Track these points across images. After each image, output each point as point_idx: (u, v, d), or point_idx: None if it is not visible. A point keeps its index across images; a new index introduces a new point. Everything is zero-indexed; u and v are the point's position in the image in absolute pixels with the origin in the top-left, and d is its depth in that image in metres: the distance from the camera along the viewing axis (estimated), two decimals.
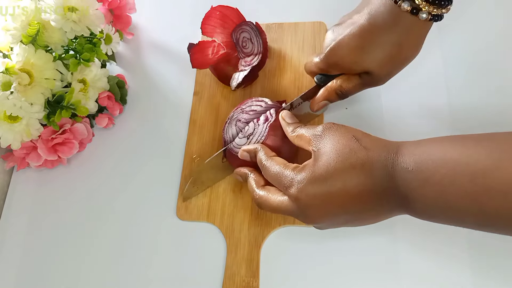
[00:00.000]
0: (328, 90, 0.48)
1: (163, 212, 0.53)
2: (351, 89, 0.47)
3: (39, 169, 0.58)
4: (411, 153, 0.36)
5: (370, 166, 0.37)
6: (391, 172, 0.36)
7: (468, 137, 0.35)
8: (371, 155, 0.37)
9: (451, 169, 0.33)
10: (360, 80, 0.46)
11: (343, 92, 0.47)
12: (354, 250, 0.47)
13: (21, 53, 0.49)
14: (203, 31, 0.56)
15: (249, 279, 0.47)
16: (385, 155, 0.37)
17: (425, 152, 0.35)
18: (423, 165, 0.34)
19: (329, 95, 0.48)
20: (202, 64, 0.56)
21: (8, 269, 0.53)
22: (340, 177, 0.37)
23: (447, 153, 0.34)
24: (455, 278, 0.44)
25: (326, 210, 0.39)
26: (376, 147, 0.38)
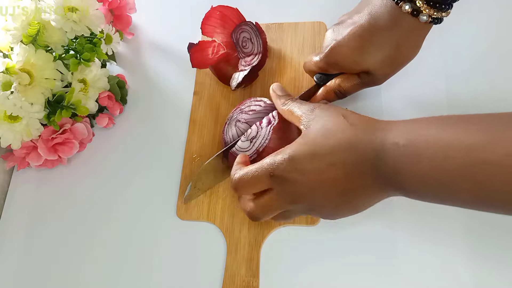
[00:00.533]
0: (327, 89, 0.48)
1: (163, 212, 0.53)
2: (350, 89, 0.47)
3: (39, 169, 0.58)
4: (402, 129, 0.35)
5: (356, 142, 0.37)
6: (380, 148, 0.35)
7: (460, 117, 0.34)
8: (358, 132, 0.37)
9: (445, 144, 0.32)
10: (359, 79, 0.46)
11: (341, 92, 0.48)
12: (354, 250, 0.47)
13: (21, 53, 0.49)
14: (203, 31, 0.56)
15: (249, 279, 0.48)
16: (373, 131, 0.37)
17: (417, 128, 0.35)
18: (414, 140, 0.34)
19: (328, 95, 0.48)
20: (202, 64, 0.56)
21: (8, 269, 0.53)
22: (327, 154, 0.37)
23: (440, 130, 0.34)
24: (454, 270, 0.45)
25: (316, 188, 0.38)
26: (363, 124, 0.38)
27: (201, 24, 0.56)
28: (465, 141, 0.31)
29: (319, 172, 0.37)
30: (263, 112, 0.50)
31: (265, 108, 0.50)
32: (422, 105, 0.53)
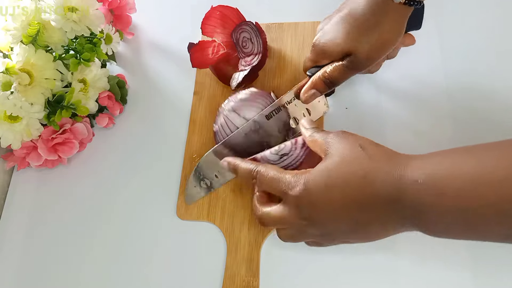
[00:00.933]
0: (315, 78, 0.48)
1: (163, 212, 0.53)
2: (335, 74, 0.46)
3: (40, 169, 0.58)
4: (420, 166, 0.35)
5: (373, 176, 0.36)
6: (398, 185, 0.35)
7: (476, 148, 0.34)
8: (375, 165, 0.37)
9: (468, 180, 0.32)
10: (343, 64, 0.45)
11: (327, 78, 0.47)
12: (354, 249, 0.47)
13: (21, 53, 0.49)
14: (203, 31, 0.56)
15: (249, 279, 0.48)
16: (391, 166, 0.36)
17: (435, 164, 0.35)
18: (435, 177, 0.34)
19: (316, 84, 0.48)
20: (202, 63, 0.56)
21: (8, 268, 0.53)
22: (342, 185, 0.37)
23: (459, 164, 0.33)
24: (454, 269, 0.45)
25: (329, 212, 0.38)
26: (381, 158, 0.38)
27: (201, 24, 0.56)
28: (490, 174, 0.31)
29: (331, 203, 0.38)
30: (249, 100, 0.51)
31: (251, 96, 0.51)
32: (422, 104, 0.53)
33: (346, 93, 0.55)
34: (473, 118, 0.51)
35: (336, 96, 0.54)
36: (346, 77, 0.47)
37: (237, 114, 0.51)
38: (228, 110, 0.51)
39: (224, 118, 0.51)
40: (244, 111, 0.51)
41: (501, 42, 0.54)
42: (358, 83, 0.55)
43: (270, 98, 0.52)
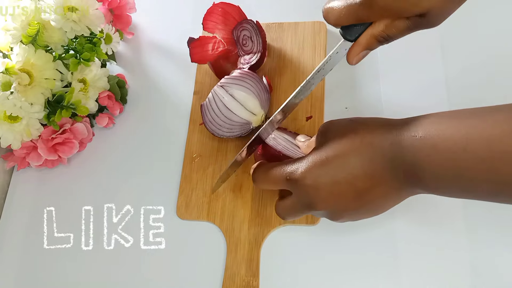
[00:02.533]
0: (369, 37, 0.39)
1: (164, 211, 0.53)
2: (399, 33, 0.38)
3: (40, 169, 0.58)
4: (419, 123, 0.35)
5: (370, 139, 0.36)
6: (397, 142, 0.35)
7: (480, 108, 0.34)
8: (371, 128, 0.37)
9: (464, 135, 0.32)
10: (410, 23, 0.37)
11: (388, 37, 0.38)
12: (354, 249, 0.47)
13: (21, 53, 0.49)
14: (205, 26, 0.56)
15: (249, 279, 0.48)
16: (387, 127, 0.36)
17: (434, 121, 0.34)
18: (432, 132, 0.33)
19: (370, 43, 0.39)
20: (201, 59, 0.56)
21: (8, 268, 0.53)
22: (340, 155, 0.37)
23: (459, 121, 0.33)
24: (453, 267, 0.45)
25: (333, 189, 0.38)
26: (376, 122, 0.38)
27: (203, 20, 0.56)
28: (483, 133, 0.31)
29: (333, 176, 0.37)
30: (238, 79, 0.51)
31: (241, 75, 0.51)
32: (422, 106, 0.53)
33: (346, 93, 0.55)
34: None
35: (336, 96, 0.54)
36: (407, 33, 0.39)
37: (225, 90, 0.51)
38: (217, 85, 0.51)
39: (212, 93, 0.51)
40: (232, 89, 0.51)
41: (501, 42, 0.54)
42: (358, 83, 0.55)
43: (260, 82, 0.51)
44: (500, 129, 0.30)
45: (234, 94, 0.51)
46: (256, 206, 0.50)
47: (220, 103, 0.51)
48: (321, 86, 0.55)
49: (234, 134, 0.51)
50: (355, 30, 0.38)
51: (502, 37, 0.54)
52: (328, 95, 0.54)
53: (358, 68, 0.48)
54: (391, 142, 0.35)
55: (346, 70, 0.55)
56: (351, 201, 0.38)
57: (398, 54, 0.53)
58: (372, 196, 0.37)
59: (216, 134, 0.52)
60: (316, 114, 0.54)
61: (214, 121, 0.51)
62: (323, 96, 0.54)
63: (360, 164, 0.36)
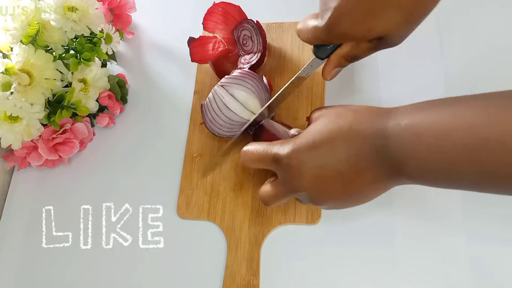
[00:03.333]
0: (338, 56, 0.42)
1: (164, 211, 0.53)
2: (363, 53, 0.41)
3: (40, 169, 0.58)
4: (404, 112, 0.35)
5: (357, 127, 0.37)
6: (383, 130, 0.35)
7: (463, 97, 0.34)
8: (358, 116, 0.37)
9: (446, 123, 0.32)
10: (371, 45, 0.40)
11: (354, 57, 0.42)
12: (354, 248, 0.47)
13: (21, 53, 0.49)
14: (205, 26, 0.56)
15: (249, 278, 0.48)
16: (375, 115, 0.37)
17: (419, 110, 0.35)
18: (416, 120, 0.34)
19: (340, 62, 0.43)
20: (201, 58, 0.57)
21: (9, 268, 0.54)
22: (328, 140, 0.37)
23: (440, 110, 0.33)
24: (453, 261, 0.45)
25: (320, 172, 0.38)
26: (365, 110, 0.38)
27: (203, 20, 0.56)
28: (466, 120, 0.31)
29: (319, 160, 0.38)
30: (239, 78, 0.51)
31: (241, 75, 0.51)
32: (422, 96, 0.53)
33: (346, 93, 0.55)
34: None
35: (336, 96, 0.54)
36: (372, 53, 0.42)
37: (225, 90, 0.51)
38: (217, 85, 0.52)
39: (213, 92, 0.52)
40: (232, 89, 0.51)
41: (501, 42, 0.54)
42: (358, 83, 0.55)
43: (260, 82, 0.52)
44: (482, 117, 0.30)
45: (234, 93, 0.51)
46: (257, 206, 0.51)
47: (220, 102, 0.51)
48: (321, 86, 0.55)
49: (234, 134, 0.51)
50: (325, 50, 0.43)
51: (502, 37, 0.54)
52: (328, 95, 0.54)
53: (358, 68, 0.48)
54: (377, 130, 0.36)
55: (346, 71, 0.55)
56: (336, 187, 0.38)
57: (398, 54, 0.53)
58: (357, 184, 0.37)
59: (216, 133, 0.52)
60: None
61: (214, 120, 0.52)
62: (323, 96, 0.54)
63: (346, 151, 0.37)
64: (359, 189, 0.38)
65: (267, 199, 0.43)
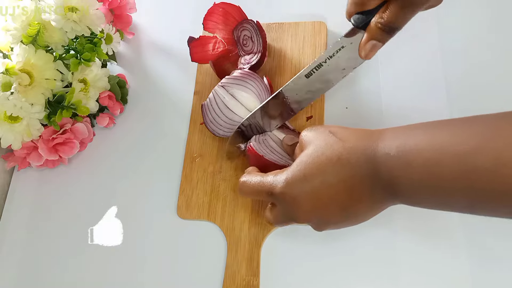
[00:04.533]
0: (371, 27, 0.41)
1: (164, 211, 0.53)
2: (394, 16, 0.40)
3: (40, 169, 0.58)
4: (393, 138, 0.36)
5: (347, 157, 0.37)
6: (372, 160, 0.36)
7: (452, 121, 0.34)
8: (347, 146, 0.37)
9: (437, 150, 0.32)
10: (399, 5, 0.39)
11: (386, 25, 0.40)
12: (354, 248, 0.47)
13: (21, 53, 0.49)
14: (205, 26, 0.56)
15: (249, 278, 0.48)
16: (364, 144, 0.37)
17: (408, 136, 0.35)
18: (405, 148, 0.34)
19: (374, 33, 0.41)
20: (201, 58, 0.57)
21: (9, 268, 0.54)
22: (319, 172, 0.38)
23: (431, 135, 0.34)
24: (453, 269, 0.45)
25: (315, 203, 0.39)
26: (353, 138, 0.38)
27: (203, 20, 0.56)
28: (458, 146, 0.32)
29: (313, 193, 0.38)
30: (239, 79, 0.51)
31: (242, 75, 0.51)
32: (422, 105, 0.53)
33: (346, 93, 0.55)
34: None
35: (336, 96, 0.54)
36: (406, 18, 0.40)
37: (225, 90, 0.52)
38: (218, 85, 0.52)
39: (213, 93, 0.52)
40: (233, 89, 0.51)
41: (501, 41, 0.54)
42: (358, 83, 0.55)
43: (261, 82, 0.52)
44: (472, 144, 0.31)
45: (234, 94, 0.51)
46: (257, 206, 0.51)
47: (221, 103, 0.51)
48: None
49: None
50: (359, 18, 0.42)
51: (502, 36, 0.54)
52: (328, 95, 0.54)
53: (358, 68, 0.48)
54: (367, 159, 0.36)
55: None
56: (334, 214, 0.39)
57: (398, 54, 0.53)
58: (354, 208, 0.38)
59: (216, 134, 0.52)
60: (316, 114, 0.54)
61: (214, 120, 0.52)
62: (323, 96, 0.54)
63: (338, 181, 0.37)
64: (356, 212, 0.39)
65: (273, 222, 0.45)
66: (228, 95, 0.51)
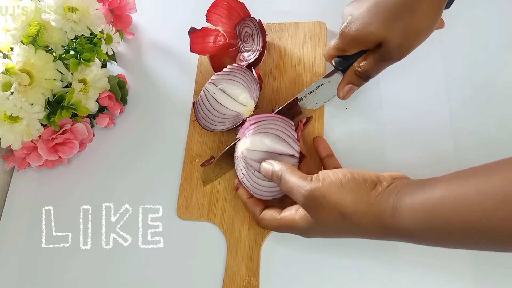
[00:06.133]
0: (349, 73, 0.48)
1: (164, 211, 0.53)
2: (370, 67, 0.46)
3: (40, 169, 0.58)
4: (411, 218, 0.35)
5: (364, 233, 0.39)
6: (389, 235, 0.37)
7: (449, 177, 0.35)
8: (363, 231, 0.38)
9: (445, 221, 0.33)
10: (375, 57, 0.45)
11: (361, 73, 0.47)
12: (353, 248, 0.47)
13: (21, 53, 0.49)
14: (208, 18, 0.56)
15: (249, 279, 0.48)
16: (380, 226, 0.37)
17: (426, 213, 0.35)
18: (427, 222, 0.35)
19: (351, 78, 0.48)
20: (201, 50, 0.57)
21: (8, 268, 0.54)
22: (334, 235, 0.41)
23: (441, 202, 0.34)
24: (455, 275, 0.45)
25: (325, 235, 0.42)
26: (368, 221, 0.37)
27: (207, 12, 0.56)
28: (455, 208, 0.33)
29: (328, 234, 0.42)
30: (228, 74, 0.52)
31: (230, 70, 0.52)
32: (422, 108, 0.53)
33: None
34: (474, 122, 0.51)
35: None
36: (380, 69, 0.46)
37: (215, 86, 0.52)
38: (208, 82, 0.53)
39: (204, 90, 0.53)
40: (222, 84, 0.52)
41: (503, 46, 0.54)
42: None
43: (249, 73, 0.52)
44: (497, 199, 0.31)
45: (224, 88, 0.52)
46: None
47: (211, 98, 0.52)
48: None
49: (226, 127, 0.52)
50: (340, 62, 0.48)
51: (501, 35, 0.54)
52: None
53: None
54: (385, 233, 0.37)
55: None
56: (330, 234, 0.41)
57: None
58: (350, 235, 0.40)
59: (209, 129, 0.52)
60: (316, 114, 0.54)
61: (206, 116, 0.53)
62: None
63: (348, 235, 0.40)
64: (351, 235, 0.40)
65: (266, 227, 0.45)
66: (218, 90, 0.52)
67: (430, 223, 0.34)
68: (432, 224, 0.34)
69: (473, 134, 0.50)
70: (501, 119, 0.50)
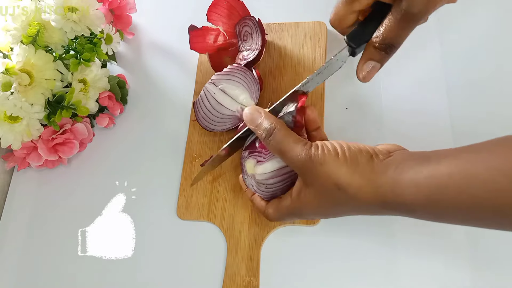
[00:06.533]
0: (368, 48, 0.40)
1: (164, 212, 0.53)
2: (390, 31, 0.38)
3: (40, 169, 0.58)
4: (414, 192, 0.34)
5: (361, 211, 0.38)
6: (388, 208, 0.36)
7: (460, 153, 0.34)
8: (360, 202, 0.36)
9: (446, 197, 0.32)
10: (397, 13, 0.37)
11: (383, 41, 0.39)
12: (353, 249, 0.47)
13: (21, 53, 0.49)
14: (209, 18, 0.56)
15: (249, 279, 0.48)
16: (378, 197, 0.35)
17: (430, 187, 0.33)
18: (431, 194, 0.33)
19: (371, 54, 0.40)
20: (201, 48, 0.57)
21: (9, 268, 0.54)
22: (331, 210, 0.39)
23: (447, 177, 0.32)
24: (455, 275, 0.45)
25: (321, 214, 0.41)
26: (366, 191, 0.36)
27: (207, 11, 0.56)
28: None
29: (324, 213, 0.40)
30: (228, 74, 0.52)
31: (230, 70, 0.52)
32: (422, 107, 0.53)
33: (346, 93, 0.55)
34: (474, 120, 0.51)
35: (336, 96, 0.54)
36: (403, 34, 0.38)
37: (215, 86, 0.52)
38: (208, 82, 0.53)
39: (204, 90, 0.53)
40: (222, 84, 0.52)
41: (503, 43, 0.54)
42: (358, 83, 0.55)
43: (249, 74, 0.52)
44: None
45: (224, 88, 0.52)
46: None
47: (211, 98, 0.52)
48: (321, 86, 0.55)
49: (226, 127, 0.52)
50: (356, 38, 0.40)
51: (501, 33, 0.54)
52: (328, 95, 0.54)
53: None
54: (384, 206, 0.36)
55: (346, 71, 0.55)
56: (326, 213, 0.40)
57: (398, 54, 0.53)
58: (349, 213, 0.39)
59: (209, 129, 0.53)
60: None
61: (206, 116, 0.53)
62: (323, 96, 0.54)
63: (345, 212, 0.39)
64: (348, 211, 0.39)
65: (271, 219, 0.44)
66: (218, 90, 0.52)
67: (435, 199, 0.32)
68: (437, 201, 0.32)
69: (473, 133, 0.49)
70: (501, 117, 0.50)
